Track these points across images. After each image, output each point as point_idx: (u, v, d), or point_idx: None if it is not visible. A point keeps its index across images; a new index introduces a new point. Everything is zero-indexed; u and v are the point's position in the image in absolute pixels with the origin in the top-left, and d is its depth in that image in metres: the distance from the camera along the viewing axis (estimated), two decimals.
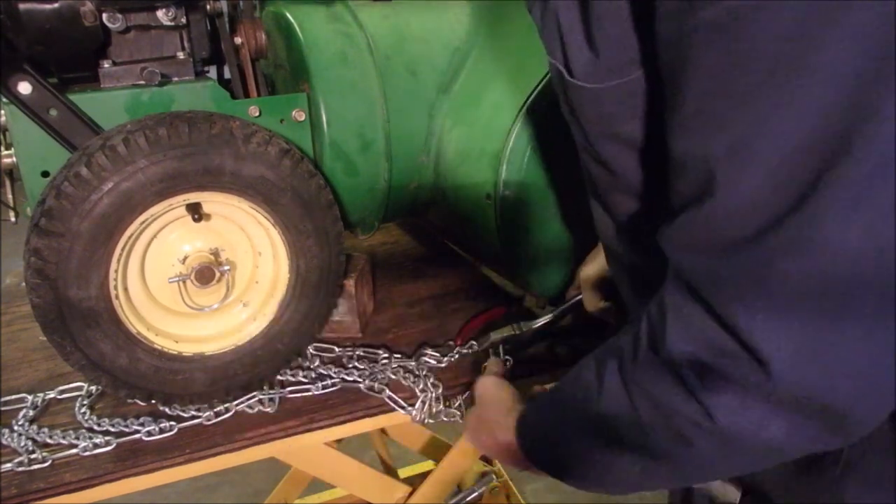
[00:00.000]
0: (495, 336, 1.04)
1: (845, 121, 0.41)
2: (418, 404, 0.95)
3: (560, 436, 0.69)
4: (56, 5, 0.84)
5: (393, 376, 1.00)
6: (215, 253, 0.94)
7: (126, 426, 0.91)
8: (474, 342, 1.06)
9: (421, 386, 0.97)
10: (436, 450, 1.60)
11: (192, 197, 0.87)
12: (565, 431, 0.68)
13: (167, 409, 0.94)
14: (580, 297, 1.03)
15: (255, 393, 0.97)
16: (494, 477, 1.47)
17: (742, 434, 0.52)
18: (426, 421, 0.95)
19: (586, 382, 0.65)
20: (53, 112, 0.87)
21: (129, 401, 0.95)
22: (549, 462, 0.72)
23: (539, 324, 1.04)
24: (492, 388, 0.86)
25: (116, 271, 0.85)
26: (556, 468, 0.71)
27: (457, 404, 0.98)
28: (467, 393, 0.97)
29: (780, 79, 0.42)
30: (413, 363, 1.03)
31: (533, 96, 1.00)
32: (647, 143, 0.60)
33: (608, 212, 0.72)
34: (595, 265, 1.00)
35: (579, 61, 0.58)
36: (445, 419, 0.96)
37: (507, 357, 1.01)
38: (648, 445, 0.58)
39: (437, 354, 1.05)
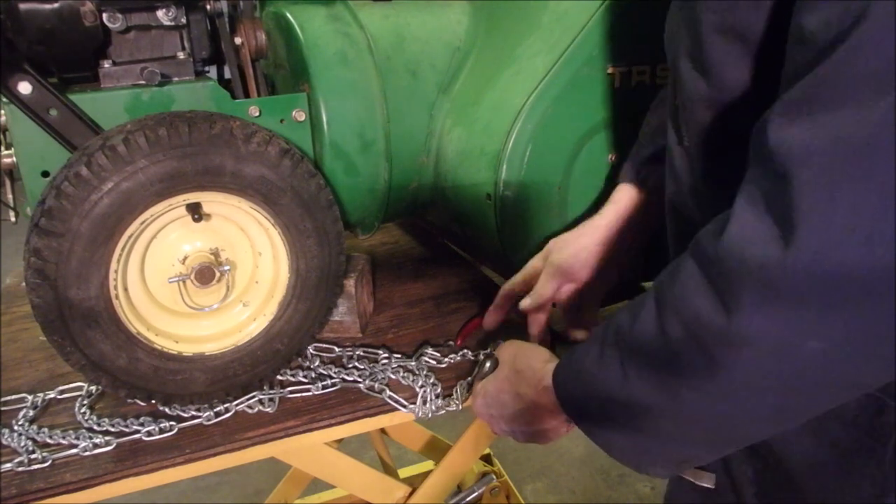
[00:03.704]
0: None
1: None
2: (419, 401, 0.95)
3: (593, 376, 0.66)
4: (56, 5, 0.84)
5: (393, 376, 1.00)
6: (215, 253, 0.94)
7: (126, 426, 0.91)
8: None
9: (420, 383, 0.97)
10: (436, 450, 1.60)
11: (192, 197, 0.87)
12: (598, 371, 0.65)
13: (167, 409, 0.94)
14: None
15: (255, 393, 0.97)
16: (494, 477, 1.47)
17: (773, 348, 0.49)
18: (428, 416, 0.95)
19: (621, 320, 0.64)
20: (53, 112, 0.87)
21: (129, 401, 0.95)
22: (582, 408, 0.69)
23: None
24: (525, 345, 0.86)
25: (116, 271, 0.85)
26: (588, 416, 0.68)
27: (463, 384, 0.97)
28: (486, 363, 0.93)
29: None
30: (413, 363, 1.03)
31: (533, 96, 1.00)
32: (761, 46, 0.58)
33: (682, 136, 0.70)
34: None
35: None
36: (450, 408, 0.95)
37: None
38: (677, 374, 0.56)
39: (438, 355, 1.04)
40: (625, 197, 0.92)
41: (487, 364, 0.92)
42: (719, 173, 0.66)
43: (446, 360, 1.04)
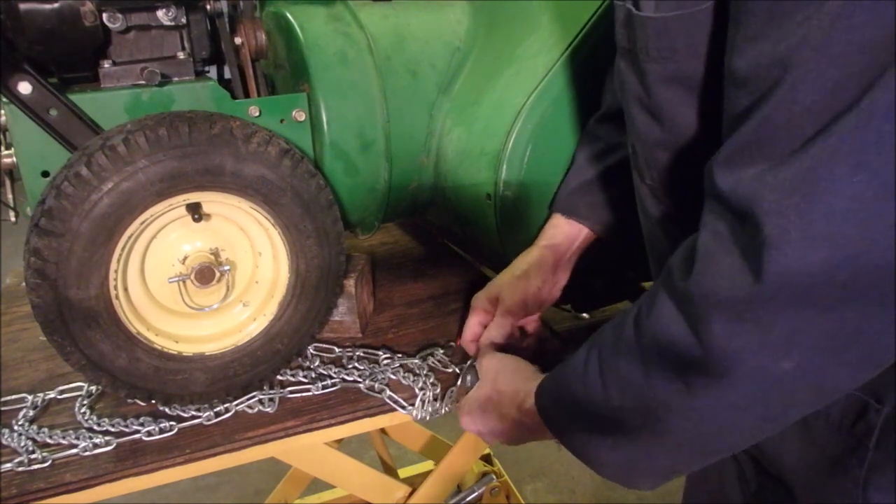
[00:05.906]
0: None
1: None
2: (417, 402, 0.95)
3: (576, 396, 0.67)
4: (56, 5, 0.84)
5: (393, 376, 1.00)
6: (215, 253, 0.94)
7: (126, 426, 0.91)
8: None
9: (420, 384, 0.97)
10: (436, 450, 1.60)
11: (192, 197, 0.87)
12: (582, 392, 0.66)
13: (167, 409, 0.94)
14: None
15: (255, 393, 0.97)
16: (494, 477, 1.47)
17: (748, 374, 0.51)
18: (427, 419, 0.95)
19: (605, 340, 0.65)
20: (53, 112, 0.87)
21: (129, 401, 0.95)
22: (567, 429, 0.70)
23: None
24: (506, 359, 0.86)
25: (116, 271, 0.85)
26: (575, 437, 0.69)
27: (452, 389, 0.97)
28: (466, 375, 0.93)
29: None
30: (416, 361, 1.03)
31: (533, 96, 1.00)
32: (705, 89, 0.61)
33: (644, 176, 0.72)
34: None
35: None
36: (448, 409, 0.95)
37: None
38: (657, 396, 0.58)
39: (446, 359, 1.04)
40: (559, 232, 1.00)
41: (468, 378, 0.92)
42: (685, 212, 0.69)
43: (451, 364, 1.03)
